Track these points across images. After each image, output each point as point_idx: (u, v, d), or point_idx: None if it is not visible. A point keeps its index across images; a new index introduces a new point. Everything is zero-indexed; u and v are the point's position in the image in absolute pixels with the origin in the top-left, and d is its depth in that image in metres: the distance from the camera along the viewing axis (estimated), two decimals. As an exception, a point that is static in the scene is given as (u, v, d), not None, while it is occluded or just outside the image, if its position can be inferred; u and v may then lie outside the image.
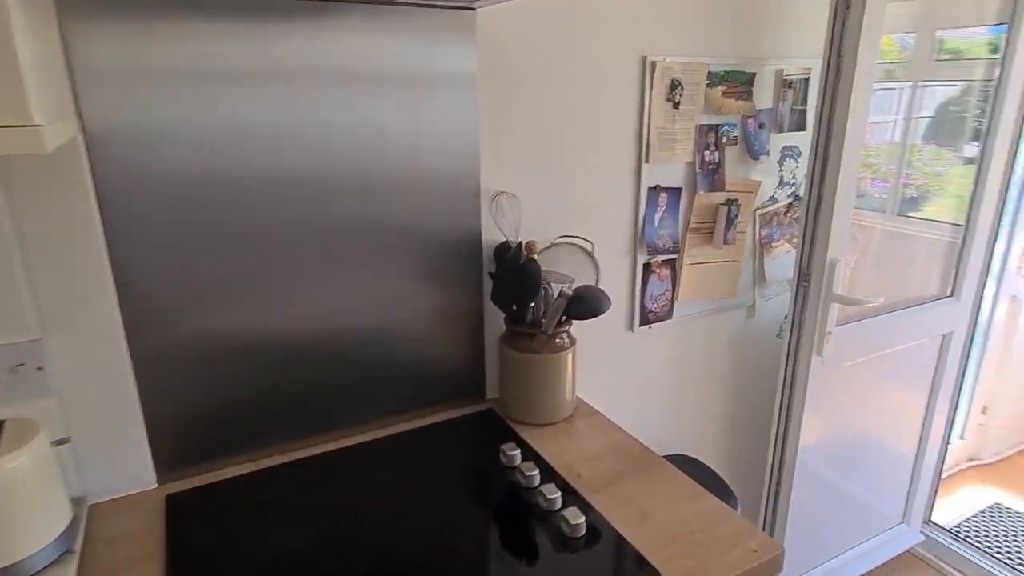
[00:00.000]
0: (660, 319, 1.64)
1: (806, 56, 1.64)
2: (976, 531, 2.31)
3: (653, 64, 1.41)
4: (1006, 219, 2.10)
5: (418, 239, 1.25)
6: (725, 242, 1.63)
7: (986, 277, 1.98)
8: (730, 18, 1.51)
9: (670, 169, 1.53)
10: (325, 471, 1.19)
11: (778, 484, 1.81)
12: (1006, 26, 1.77)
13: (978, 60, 2.43)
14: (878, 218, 2.50)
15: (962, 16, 2.63)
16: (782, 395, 1.74)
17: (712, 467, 1.74)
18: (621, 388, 1.66)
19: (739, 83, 1.55)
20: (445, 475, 1.19)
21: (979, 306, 2.02)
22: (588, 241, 1.44)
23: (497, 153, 1.31)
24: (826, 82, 1.48)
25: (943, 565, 2.17)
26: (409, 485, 1.15)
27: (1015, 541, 2.26)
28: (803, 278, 1.63)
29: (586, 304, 1.27)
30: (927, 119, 2.15)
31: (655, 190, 1.52)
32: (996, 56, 1.82)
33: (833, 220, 1.54)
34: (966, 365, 2.11)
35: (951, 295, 1.94)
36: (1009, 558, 2.16)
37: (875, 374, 1.85)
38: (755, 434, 1.96)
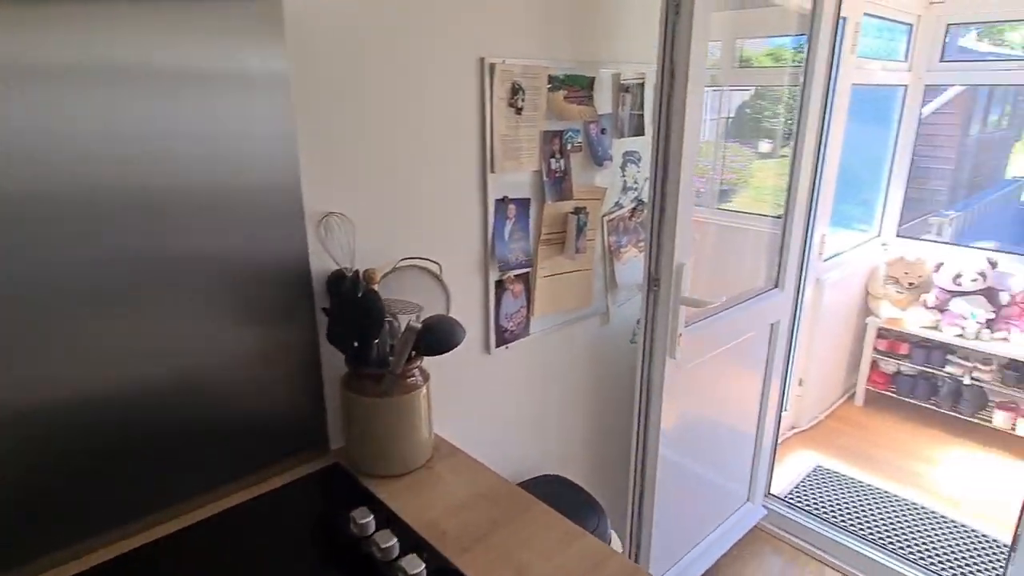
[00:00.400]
0: (517, 337, 1.55)
1: (640, 61, 1.63)
2: (805, 496, 2.54)
3: (492, 66, 1.30)
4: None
5: (228, 270, 1.02)
6: (577, 251, 1.58)
7: (805, 269, 2.16)
8: (567, 20, 1.45)
9: (517, 179, 1.44)
10: (136, 573, 0.93)
11: (642, 485, 1.82)
12: (806, 36, 1.91)
13: (767, 68, 2.65)
14: (706, 213, 2.65)
15: (760, 28, 2.87)
16: (640, 399, 1.74)
17: (579, 482, 1.69)
18: (482, 415, 1.54)
19: (580, 87, 1.50)
20: (286, 560, 0.98)
21: (801, 295, 2.19)
22: (435, 262, 1.30)
23: (322, 167, 1.12)
24: (662, 87, 1.47)
25: (783, 534, 2.35)
26: (237, 584, 0.93)
27: (837, 499, 2.52)
28: (653, 283, 1.63)
29: (438, 336, 1.13)
30: (731, 119, 2.31)
31: (503, 202, 1.42)
32: (794, 64, 1.96)
33: (677, 224, 1.54)
34: (791, 347, 2.29)
35: (776, 287, 2.08)
36: (835, 516, 2.40)
37: (718, 367, 1.92)
38: (617, 439, 1.96)
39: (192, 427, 1.04)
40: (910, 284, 3.25)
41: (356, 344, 1.14)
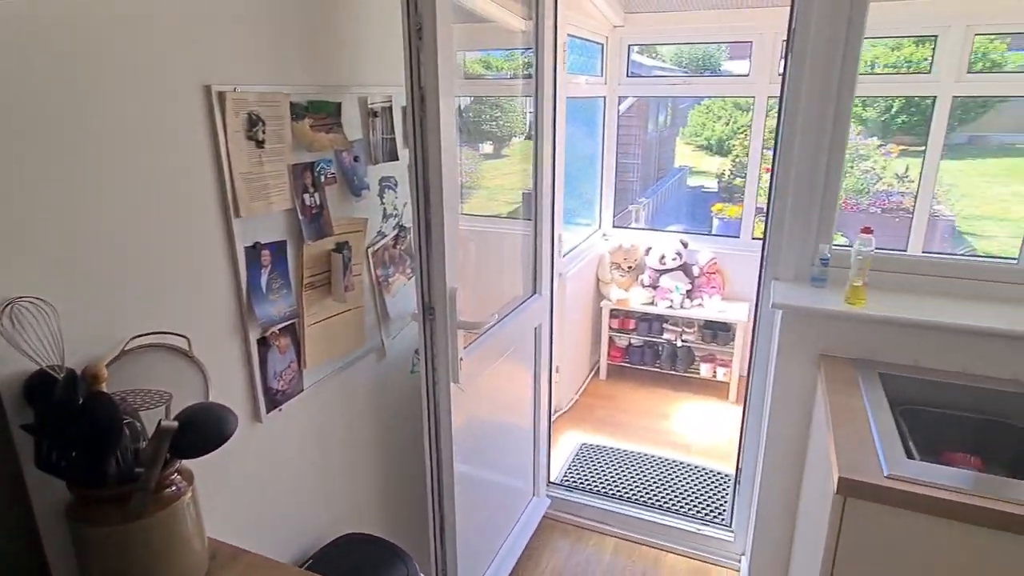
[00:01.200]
0: (290, 396, 1.37)
1: (386, 84, 1.55)
2: (578, 475, 2.77)
3: (222, 95, 1.10)
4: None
5: None
6: (346, 290, 1.45)
7: (553, 272, 2.31)
8: (302, 42, 1.30)
9: (268, 221, 1.25)
10: None
11: (441, 516, 1.77)
12: (532, 49, 2.04)
13: (486, 79, 2.79)
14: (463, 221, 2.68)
15: (484, 42, 2.99)
16: (429, 430, 1.68)
17: (379, 533, 1.57)
18: (262, 495, 1.33)
19: (326, 114, 1.36)
20: None
21: (552, 297, 2.35)
22: (181, 336, 1.06)
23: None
24: (413, 110, 1.41)
25: (567, 516, 2.52)
26: None
27: (602, 471, 2.79)
28: (427, 311, 1.58)
29: (202, 433, 0.92)
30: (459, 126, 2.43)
31: (255, 249, 1.22)
32: (514, 75, 2.08)
33: (446, 249, 1.51)
34: (551, 344, 2.45)
35: (535, 292, 2.20)
36: (603, 487, 2.65)
37: (495, 377, 1.96)
38: (409, 477, 1.88)
39: None
40: (629, 268, 3.75)
41: (83, 465, 0.87)
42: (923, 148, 3.54)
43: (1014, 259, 1.63)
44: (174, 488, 0.93)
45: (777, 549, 1.91)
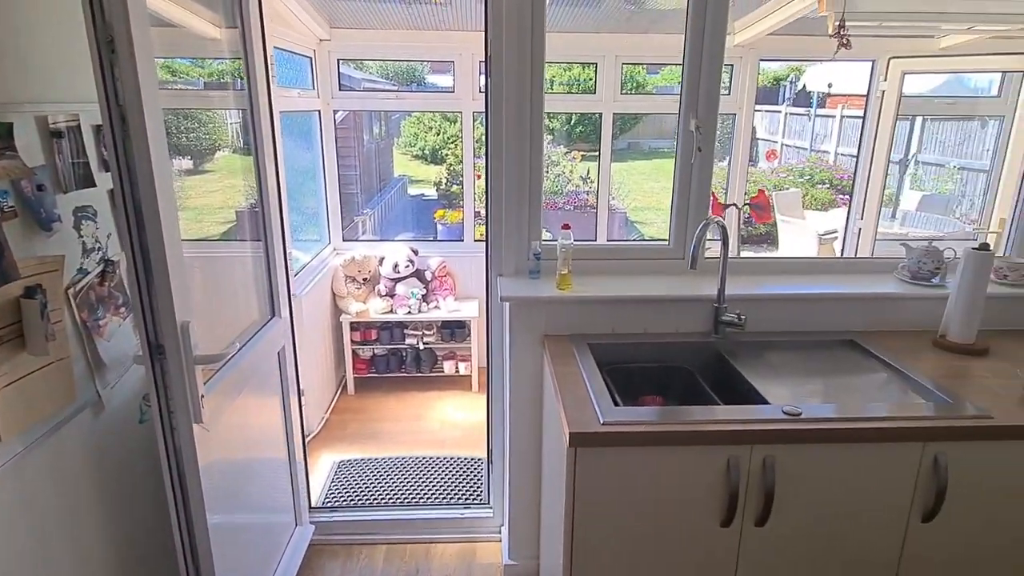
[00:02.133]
0: (-19, 478, 1.12)
1: (71, 100, 1.35)
2: (340, 494, 2.73)
3: None
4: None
5: None
6: (47, 339, 1.23)
7: (290, 293, 2.25)
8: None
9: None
10: None
11: (197, 571, 1.61)
12: (240, 59, 1.95)
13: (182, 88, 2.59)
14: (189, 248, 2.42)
15: (186, 50, 2.74)
16: (172, 481, 1.52)
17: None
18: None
19: (-6, 136, 1.15)
20: None
21: (292, 318, 2.29)
22: None
23: None
24: (112, 128, 1.26)
25: (333, 538, 2.48)
26: None
27: (363, 483, 2.80)
28: (156, 350, 1.42)
29: None
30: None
31: (-92, 305, 0.98)
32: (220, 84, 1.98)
33: (171, 279, 1.38)
34: (296, 367, 2.37)
35: (274, 315, 2.11)
36: (367, 499, 2.67)
37: (241, 411, 1.85)
38: (157, 535, 1.66)
39: None
40: (364, 279, 3.79)
41: None
42: (597, 154, 4.28)
43: (666, 241, 2.11)
44: None
45: (530, 511, 2.17)
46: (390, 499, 2.67)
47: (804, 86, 11.10)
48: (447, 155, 7.81)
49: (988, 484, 1.44)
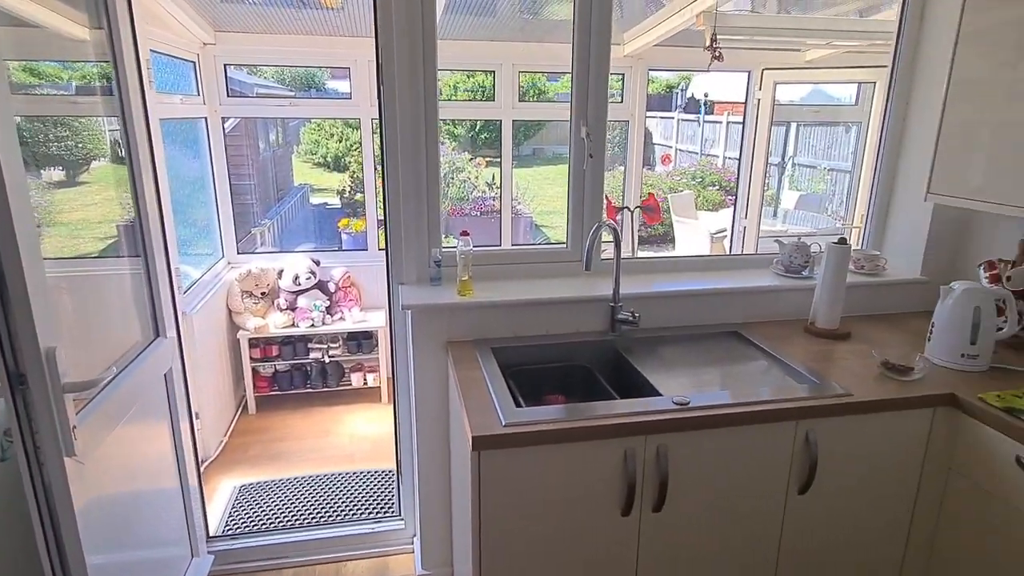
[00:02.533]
0: None
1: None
2: (240, 520, 2.60)
3: None
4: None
5: None
6: None
7: (176, 311, 2.12)
8: None
9: None
10: None
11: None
12: (109, 63, 1.82)
13: (42, 92, 2.42)
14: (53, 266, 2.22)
15: (44, 51, 2.53)
16: (42, 524, 1.39)
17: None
18: None
19: None
20: None
21: (180, 338, 2.16)
22: None
23: None
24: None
25: (237, 567, 2.35)
26: None
27: (267, 507, 2.68)
28: (17, 380, 1.30)
29: None
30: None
31: None
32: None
33: (32, 302, 1.27)
34: (187, 388, 2.24)
35: (158, 335, 1.98)
36: (273, 522, 2.56)
37: (123, 440, 1.72)
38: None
39: None
40: (263, 293, 3.63)
41: None
42: (500, 160, 4.34)
43: (564, 244, 2.17)
44: None
45: (441, 520, 2.16)
46: (297, 521, 2.57)
47: (692, 95, 11.79)
48: (350, 162, 7.64)
49: (852, 454, 1.59)
